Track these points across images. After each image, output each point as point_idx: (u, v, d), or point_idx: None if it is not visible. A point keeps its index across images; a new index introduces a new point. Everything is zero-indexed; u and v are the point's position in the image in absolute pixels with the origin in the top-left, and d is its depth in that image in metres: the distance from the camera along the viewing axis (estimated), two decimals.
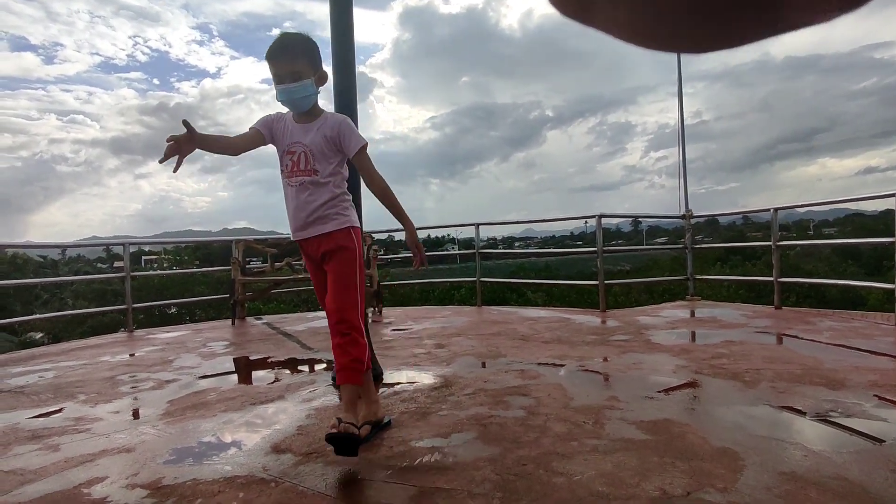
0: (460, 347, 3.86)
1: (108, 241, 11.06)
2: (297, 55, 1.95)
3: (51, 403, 2.80)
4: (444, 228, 13.75)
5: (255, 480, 1.73)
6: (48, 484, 1.76)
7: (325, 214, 1.99)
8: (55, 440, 2.21)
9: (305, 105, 2.00)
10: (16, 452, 2.08)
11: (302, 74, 1.94)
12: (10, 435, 2.31)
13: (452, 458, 1.84)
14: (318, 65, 2.01)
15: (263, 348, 4.24)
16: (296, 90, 1.94)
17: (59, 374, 3.58)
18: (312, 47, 2.00)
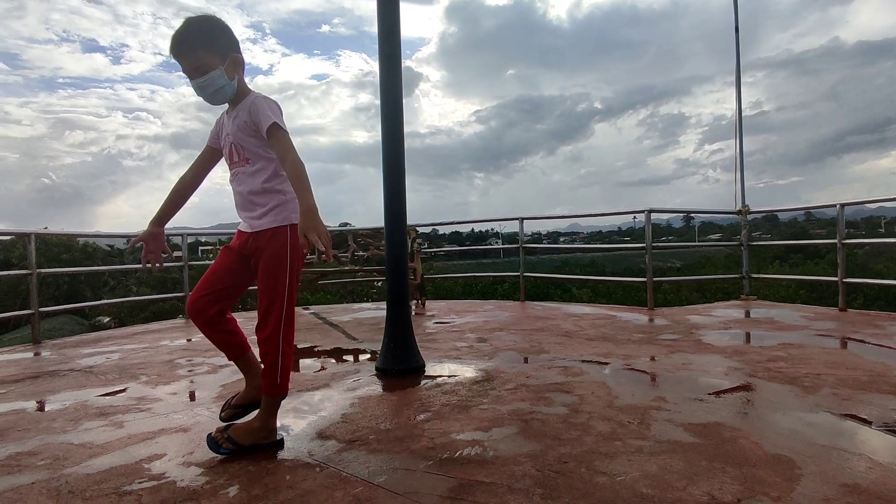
0: (502, 342, 3.85)
1: (168, 232, 11.70)
2: (195, 46, 1.75)
3: (116, 383, 2.99)
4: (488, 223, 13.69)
5: (301, 464, 1.79)
6: (113, 458, 1.89)
7: (255, 207, 1.85)
8: (120, 417, 2.36)
9: (222, 97, 1.83)
10: (86, 427, 2.24)
11: (207, 66, 1.76)
12: (81, 411, 2.48)
13: (493, 452, 1.85)
14: (225, 50, 1.79)
15: (310, 337, 4.37)
16: (205, 85, 1.77)
17: (124, 356, 3.81)
18: (214, 32, 1.78)
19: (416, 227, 6.42)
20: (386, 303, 3.20)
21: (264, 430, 1.92)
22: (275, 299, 1.85)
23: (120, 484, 1.67)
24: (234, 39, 1.83)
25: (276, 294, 1.85)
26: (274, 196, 1.85)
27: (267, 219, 1.85)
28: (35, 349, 4.30)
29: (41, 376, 3.25)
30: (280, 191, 1.86)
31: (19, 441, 2.10)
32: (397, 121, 3.09)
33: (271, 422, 1.94)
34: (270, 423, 1.93)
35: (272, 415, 1.94)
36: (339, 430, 2.12)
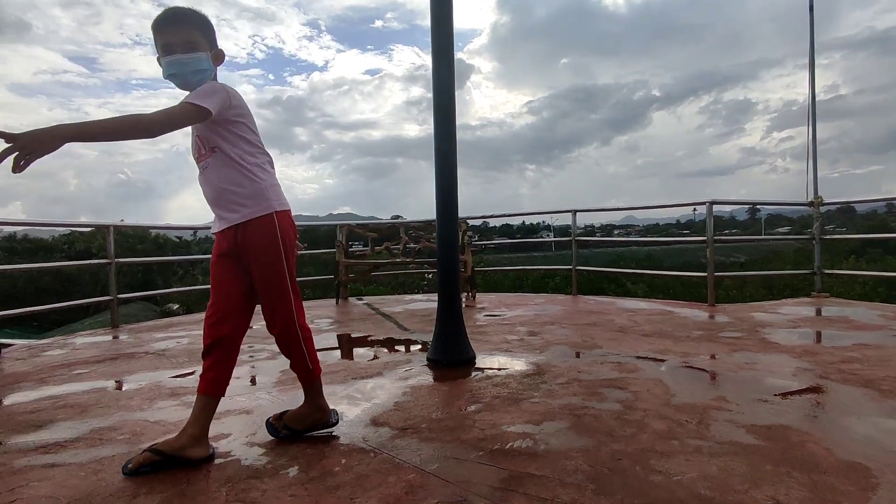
0: (554, 336, 3.80)
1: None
2: (192, 25, 1.74)
3: (186, 366, 3.19)
4: (540, 215, 13.47)
5: (356, 449, 1.85)
6: None
7: (231, 199, 1.75)
8: (189, 398, 2.51)
9: (197, 81, 1.74)
10: (159, 406, 2.41)
11: (197, 46, 1.73)
12: (155, 391, 2.67)
13: (544, 445, 1.84)
14: (214, 41, 1.81)
15: (364, 327, 4.48)
16: (188, 62, 1.72)
17: (192, 341, 4.05)
18: (208, 23, 1.80)
19: (467, 220, 6.43)
20: (437, 295, 3.23)
21: (316, 411, 1.96)
22: (278, 293, 1.80)
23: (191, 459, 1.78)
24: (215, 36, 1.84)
25: (278, 287, 1.80)
26: (249, 183, 1.75)
27: (246, 210, 1.74)
28: (113, 333, 4.65)
29: (119, 358, 3.51)
30: (254, 177, 1.76)
31: (101, 417, 2.28)
32: (449, 114, 3.10)
33: (320, 402, 1.97)
34: (320, 402, 1.97)
35: (319, 396, 1.97)
36: (392, 417, 2.17)
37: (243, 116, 1.78)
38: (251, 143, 1.80)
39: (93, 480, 1.66)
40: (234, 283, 1.83)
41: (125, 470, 1.69)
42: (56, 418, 2.27)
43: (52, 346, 4.09)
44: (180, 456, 1.73)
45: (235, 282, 1.83)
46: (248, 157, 1.78)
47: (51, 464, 1.79)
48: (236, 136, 1.76)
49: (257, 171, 1.78)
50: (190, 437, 1.75)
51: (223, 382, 1.85)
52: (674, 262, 20.81)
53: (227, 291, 1.83)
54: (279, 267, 1.79)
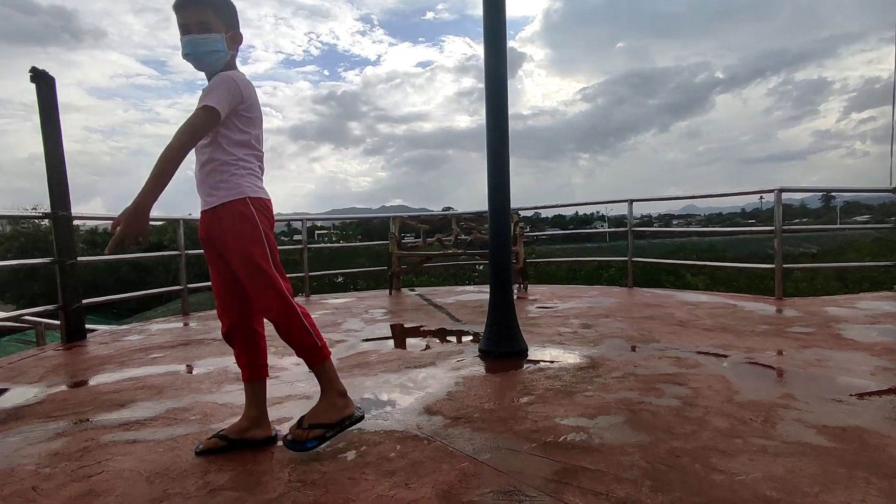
0: (608, 329, 3.72)
1: (289, 217, 12.81)
2: (206, 6, 1.72)
3: None
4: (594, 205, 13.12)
5: (410, 437, 1.89)
6: None
7: (209, 182, 1.73)
8: None
9: (212, 62, 1.74)
10: (226, 390, 2.55)
11: (210, 26, 1.71)
12: (222, 375, 2.83)
13: (598, 439, 1.81)
14: (231, 23, 1.77)
15: (416, 317, 4.55)
16: (202, 42, 1.71)
17: None
18: (226, 4, 1.77)
19: (519, 211, 6.37)
20: (489, 286, 3.24)
21: (337, 398, 1.79)
22: (262, 276, 1.71)
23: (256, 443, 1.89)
24: (237, 19, 1.81)
25: (259, 269, 1.70)
26: (227, 170, 1.73)
27: (221, 192, 1.72)
28: (184, 320, 4.95)
29: (190, 344, 3.74)
30: (233, 163, 1.73)
31: (175, 398, 2.44)
32: (501, 104, 3.07)
33: (338, 386, 1.80)
34: (338, 387, 1.80)
35: (334, 380, 1.81)
36: (445, 406, 2.20)
37: (249, 110, 1.76)
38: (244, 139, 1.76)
39: (169, 457, 1.79)
40: (221, 270, 1.82)
41: (197, 450, 1.81)
42: (136, 398, 2.45)
43: (130, 331, 4.42)
44: (245, 439, 1.83)
45: (220, 269, 1.82)
46: (238, 148, 1.75)
47: (132, 440, 1.94)
48: (234, 127, 1.74)
49: (242, 163, 1.75)
50: (251, 421, 1.86)
51: (259, 365, 1.90)
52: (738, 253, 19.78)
53: (218, 278, 1.84)
54: (259, 249, 1.71)
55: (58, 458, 1.79)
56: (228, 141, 1.73)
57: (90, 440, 1.95)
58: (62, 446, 1.91)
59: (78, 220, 4.27)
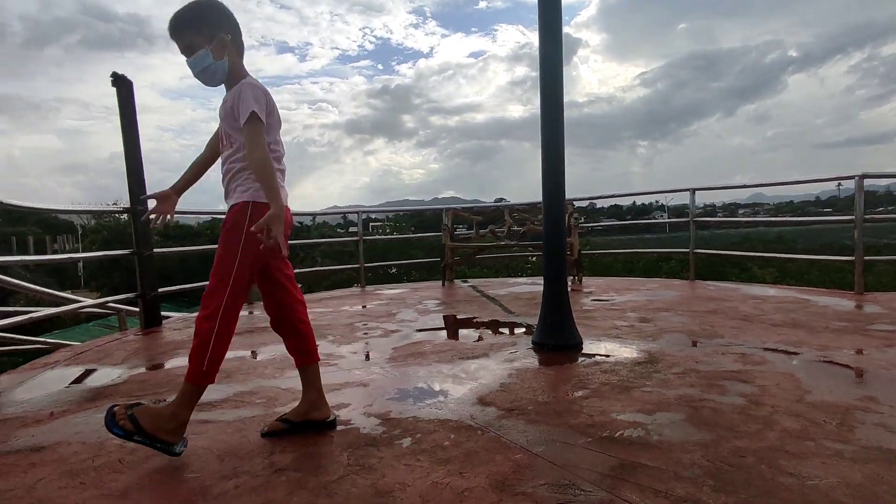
0: (668, 323, 3.59)
1: (345, 210, 13.17)
2: (184, 27, 1.77)
3: None
4: (653, 195, 12.59)
5: (464, 426, 1.91)
6: None
7: (229, 188, 1.83)
8: None
9: (211, 77, 1.80)
10: (288, 376, 2.67)
11: (194, 47, 1.76)
12: (285, 362, 2.96)
13: (657, 436, 1.77)
14: (211, 31, 1.77)
15: (469, 309, 4.57)
16: (193, 63, 1.78)
17: (314, 318, 4.40)
18: (199, 14, 1.77)
19: (573, 201, 6.25)
20: (543, 278, 3.20)
21: (172, 421, 1.69)
22: (224, 278, 1.74)
23: (316, 425, 1.97)
24: (224, 20, 1.80)
25: (225, 273, 1.74)
26: (241, 175, 1.80)
27: (234, 196, 1.81)
28: (249, 308, 5.21)
29: (255, 331, 3.94)
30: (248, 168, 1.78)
31: (242, 382, 2.59)
32: (556, 92, 3.02)
33: (182, 413, 1.72)
34: (181, 414, 1.71)
35: (187, 406, 1.73)
36: (499, 398, 2.21)
37: (269, 115, 1.79)
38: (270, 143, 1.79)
39: (237, 437, 1.90)
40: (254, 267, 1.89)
41: (262, 433, 1.91)
42: None
43: None
44: (306, 421, 1.92)
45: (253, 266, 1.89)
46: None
47: (205, 420, 2.08)
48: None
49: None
50: (309, 404, 1.94)
51: (308, 351, 1.98)
52: (810, 245, 18.50)
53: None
54: (234, 251, 1.75)
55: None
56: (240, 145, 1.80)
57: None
58: None
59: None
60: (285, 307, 1.95)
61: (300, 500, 1.43)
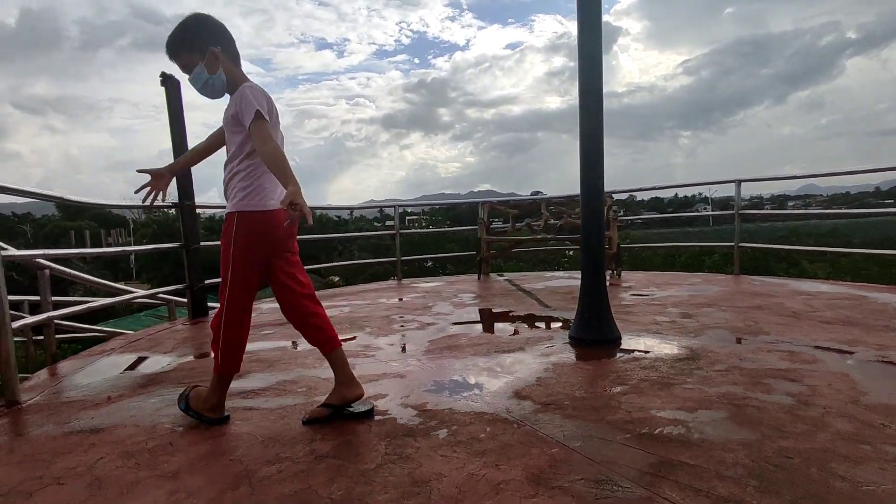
0: (711, 319, 3.49)
1: (381, 204, 13.36)
2: (175, 48, 1.89)
3: (348, 332, 3.57)
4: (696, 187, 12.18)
5: (500, 419, 1.92)
6: None
7: (226, 195, 1.94)
8: (352, 360, 2.79)
9: (212, 91, 1.91)
10: (327, 366, 2.73)
11: (190, 65, 1.88)
12: None
13: (698, 434, 1.72)
14: (201, 46, 1.87)
15: (505, 303, 4.56)
16: (193, 80, 1.90)
17: (353, 310, 4.50)
18: (189, 31, 1.88)
19: (612, 194, 6.12)
20: (581, 272, 3.16)
21: (207, 402, 1.98)
22: (224, 281, 1.93)
23: (355, 415, 2.02)
24: (213, 34, 1.89)
25: (224, 280, 1.93)
26: (238, 186, 1.89)
27: (228, 204, 1.93)
28: None
29: None
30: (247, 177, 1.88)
31: (284, 371, 2.67)
32: (595, 81, 2.96)
33: (212, 398, 1.98)
34: (211, 399, 1.98)
35: (216, 391, 1.98)
36: (535, 392, 2.20)
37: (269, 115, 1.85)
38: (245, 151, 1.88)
39: (280, 424, 1.96)
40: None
41: (304, 421, 1.97)
42: (251, 370, 2.71)
43: None
44: (346, 402, 1.98)
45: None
46: (243, 161, 1.89)
47: (249, 407, 2.16)
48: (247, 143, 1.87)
49: (250, 178, 1.88)
50: (343, 385, 2.00)
51: (327, 339, 2.03)
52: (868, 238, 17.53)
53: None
54: (227, 259, 1.91)
55: (188, 420, 2.04)
56: (239, 150, 1.89)
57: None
58: None
59: (200, 209, 4.75)
60: (289, 304, 2.03)
61: (340, 487, 1.48)
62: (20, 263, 4.33)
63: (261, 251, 1.94)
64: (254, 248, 1.92)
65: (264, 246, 1.94)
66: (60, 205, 25.09)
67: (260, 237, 1.92)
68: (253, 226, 1.90)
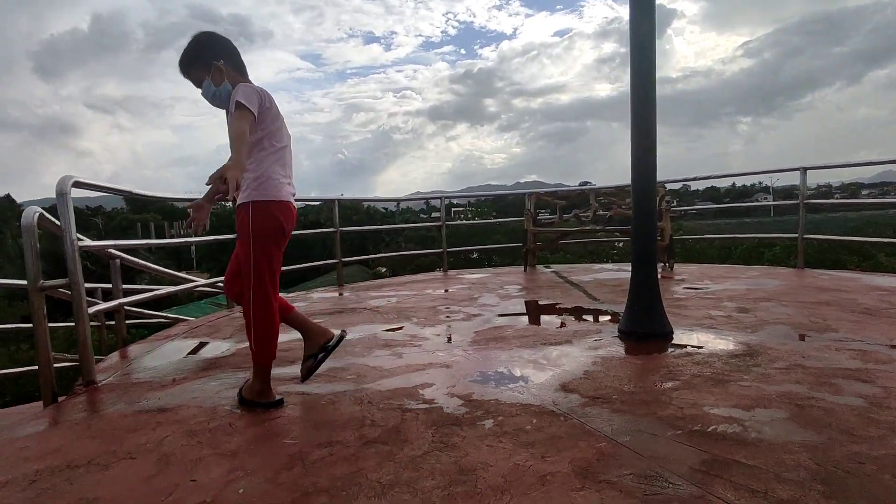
0: (771, 314, 3.32)
1: (427, 196, 13.53)
2: (186, 66, 2.06)
3: (395, 322, 3.63)
4: (756, 175, 11.55)
5: (546, 412, 1.91)
6: (396, 381, 2.33)
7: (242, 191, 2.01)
8: (399, 350, 2.87)
9: (221, 102, 2.04)
10: (376, 355, 2.80)
11: (200, 80, 2.04)
12: (372, 341, 3.10)
13: (755, 433, 1.65)
14: (207, 62, 2.02)
15: (552, 295, 4.50)
16: (204, 95, 2.06)
17: (400, 300, 4.57)
18: (194, 50, 2.05)
19: (665, 184, 5.90)
20: (631, 264, 3.08)
21: (253, 390, 2.10)
22: (247, 272, 2.02)
23: (403, 402, 2.06)
24: (216, 49, 2.04)
25: (246, 267, 2.02)
26: (249, 178, 1.99)
27: (241, 196, 2.01)
28: (339, 290, 5.50)
29: (344, 311, 4.16)
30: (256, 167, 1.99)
31: (334, 359, 2.72)
32: (648, 67, 2.86)
33: (256, 384, 2.09)
34: (255, 385, 2.10)
35: (258, 378, 2.09)
36: (582, 385, 2.17)
37: (266, 111, 1.99)
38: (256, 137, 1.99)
39: (331, 409, 2.03)
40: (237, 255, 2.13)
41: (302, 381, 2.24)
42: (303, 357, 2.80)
43: (296, 299, 5.03)
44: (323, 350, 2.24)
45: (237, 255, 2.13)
46: (257, 151, 2.00)
47: (301, 392, 2.24)
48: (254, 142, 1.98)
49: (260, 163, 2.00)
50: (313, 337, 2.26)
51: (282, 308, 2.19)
52: None
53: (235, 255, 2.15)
54: (247, 247, 2.01)
55: None
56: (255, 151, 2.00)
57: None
58: None
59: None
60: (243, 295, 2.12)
61: (388, 472, 1.51)
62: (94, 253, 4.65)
63: (277, 238, 2.06)
64: (270, 236, 2.03)
65: (280, 234, 2.06)
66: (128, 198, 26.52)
67: (275, 226, 2.03)
68: (267, 215, 2.01)
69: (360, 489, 1.43)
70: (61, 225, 2.36)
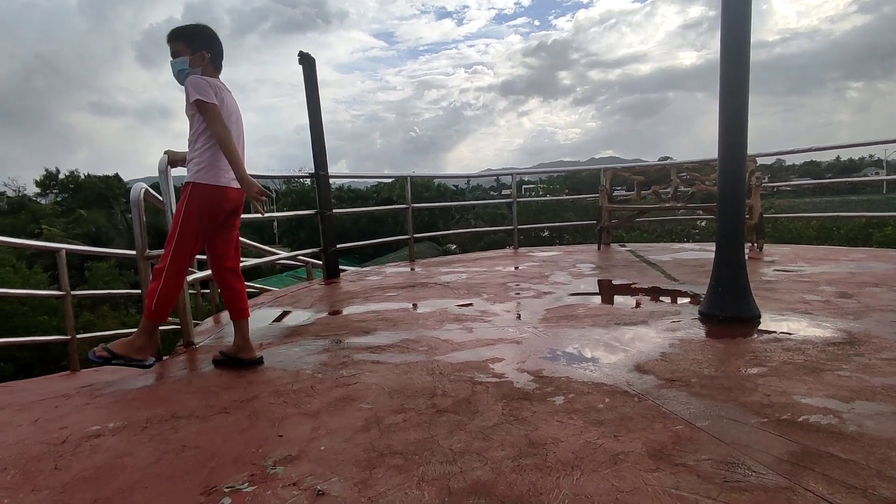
0: (877, 300, 3.02)
1: (498, 173, 13.33)
2: (175, 37, 2.27)
3: (466, 297, 3.68)
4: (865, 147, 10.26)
5: (620, 392, 1.87)
6: (467, 354, 2.37)
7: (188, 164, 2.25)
8: (469, 324, 2.91)
9: (178, 77, 2.25)
10: (447, 328, 2.86)
11: (178, 52, 2.25)
12: (443, 315, 3.16)
13: (854, 426, 1.53)
14: (195, 47, 2.25)
15: (627, 274, 4.35)
16: (173, 64, 2.27)
17: (470, 276, 4.61)
18: (193, 33, 2.27)
19: (756, 158, 5.46)
20: (715, 243, 2.90)
21: (133, 346, 2.20)
22: (169, 241, 2.22)
23: (473, 375, 2.09)
24: (209, 42, 2.28)
25: (170, 238, 2.22)
26: (195, 160, 2.23)
27: (186, 176, 2.26)
28: (411, 265, 5.63)
29: (416, 286, 4.26)
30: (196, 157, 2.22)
31: (407, 331, 2.84)
32: (742, 29, 2.63)
33: (138, 340, 2.20)
34: (137, 341, 2.20)
35: (142, 334, 2.21)
36: (658, 367, 2.10)
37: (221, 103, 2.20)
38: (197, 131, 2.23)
39: (404, 378, 2.11)
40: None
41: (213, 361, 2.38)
42: (377, 328, 2.92)
43: (370, 273, 5.22)
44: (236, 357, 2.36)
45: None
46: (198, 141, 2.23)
47: (376, 360, 2.34)
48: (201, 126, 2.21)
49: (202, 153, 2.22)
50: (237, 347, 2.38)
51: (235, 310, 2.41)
52: None
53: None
54: (176, 220, 2.23)
55: (325, 368, 2.27)
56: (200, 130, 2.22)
57: (346, 357, 2.42)
58: (328, 359, 2.40)
59: (332, 178, 5.12)
60: (216, 272, 2.43)
61: (459, 440, 1.56)
62: None
63: (208, 222, 2.27)
64: (203, 218, 2.25)
65: (212, 218, 2.28)
66: None
67: (209, 209, 2.25)
68: (204, 198, 2.23)
69: (432, 454, 1.48)
70: (163, 200, 2.59)
